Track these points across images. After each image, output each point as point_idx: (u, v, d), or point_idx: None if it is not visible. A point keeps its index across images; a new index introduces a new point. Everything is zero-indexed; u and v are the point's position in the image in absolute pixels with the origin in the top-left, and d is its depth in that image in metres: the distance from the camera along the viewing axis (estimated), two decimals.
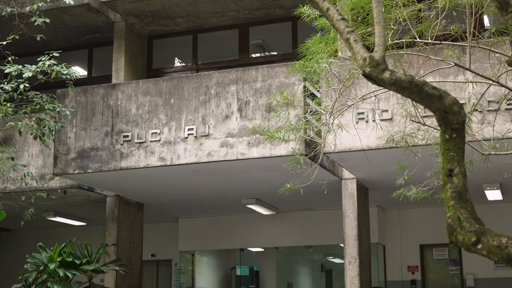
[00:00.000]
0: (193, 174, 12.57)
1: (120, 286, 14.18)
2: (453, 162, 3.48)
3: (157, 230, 17.52)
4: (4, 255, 17.62)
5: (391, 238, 16.45)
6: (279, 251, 17.81)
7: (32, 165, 14.02)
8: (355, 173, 12.74)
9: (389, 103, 10.43)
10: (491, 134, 8.42)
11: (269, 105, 11.21)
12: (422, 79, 3.61)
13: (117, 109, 12.39)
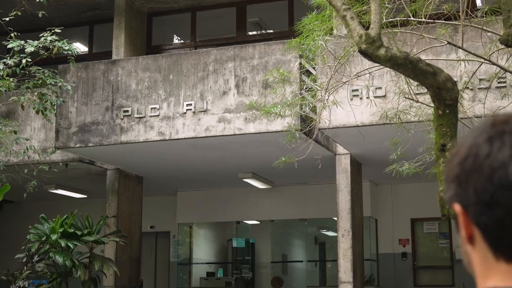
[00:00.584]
0: (191, 148, 12.56)
1: (120, 257, 14.23)
2: (446, 137, 3.47)
3: (156, 203, 17.54)
4: (8, 226, 17.65)
5: (383, 212, 16.50)
6: (274, 224, 17.86)
7: (35, 139, 14.00)
8: (349, 148, 12.74)
9: (383, 80, 10.41)
10: (482, 111, 8.41)
11: (266, 82, 11.17)
12: (416, 56, 3.59)
13: (117, 85, 12.35)
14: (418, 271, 16.35)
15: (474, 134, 1.24)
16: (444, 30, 6.99)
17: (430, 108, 5.94)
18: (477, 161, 1.20)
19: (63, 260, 12.67)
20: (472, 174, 1.19)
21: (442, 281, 16.08)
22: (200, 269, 17.96)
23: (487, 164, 1.18)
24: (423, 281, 16.29)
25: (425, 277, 16.35)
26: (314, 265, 17.90)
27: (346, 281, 12.65)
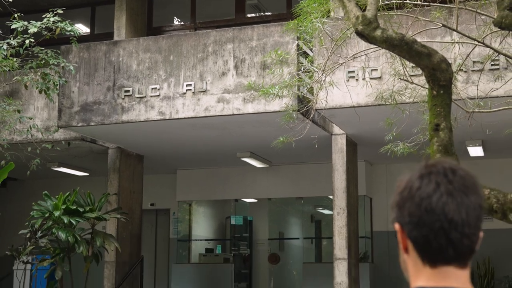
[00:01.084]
0: (191, 128, 12.55)
1: (121, 233, 14.27)
2: (440, 117, 3.46)
3: (156, 181, 17.55)
4: (12, 203, 17.66)
5: (378, 191, 16.52)
6: (272, 202, 17.90)
7: (38, 118, 13.98)
8: (345, 128, 12.74)
9: (378, 62, 10.38)
10: (475, 93, 8.39)
11: (264, 63, 11.14)
12: (412, 38, 3.58)
13: (119, 65, 12.31)
14: None
15: (412, 172, 1.65)
16: (439, 13, 6.96)
17: (425, 89, 5.93)
18: (411, 192, 1.60)
19: (65, 236, 12.70)
20: (407, 202, 1.59)
21: None
22: (199, 246, 18.02)
23: (417, 194, 1.58)
24: None
25: None
26: (310, 242, 17.96)
27: (341, 257, 12.70)
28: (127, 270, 14.28)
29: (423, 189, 1.58)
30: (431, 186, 1.57)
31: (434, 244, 1.54)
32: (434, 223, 1.53)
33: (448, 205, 1.54)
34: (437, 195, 1.55)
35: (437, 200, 1.55)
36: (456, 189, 1.56)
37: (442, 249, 1.54)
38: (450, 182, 1.57)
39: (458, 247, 1.56)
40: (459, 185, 1.57)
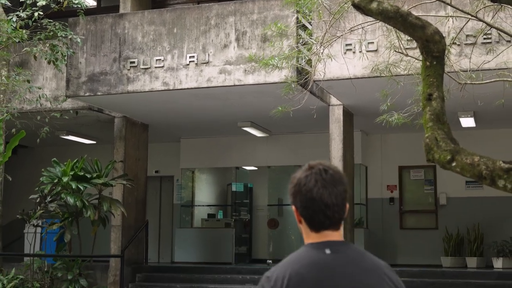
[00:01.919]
0: (194, 98, 12.53)
1: (127, 199, 14.32)
2: (433, 87, 3.45)
3: (161, 149, 17.56)
4: (22, 170, 17.69)
5: (373, 160, 16.54)
6: (271, 169, 17.92)
7: (47, 88, 13.95)
8: (342, 99, 12.71)
9: (375, 35, 10.32)
10: (467, 66, 8.36)
11: (264, 36, 11.08)
12: (406, 10, 3.55)
13: (124, 37, 12.25)
14: (404, 215, 16.48)
15: (301, 171, 2.32)
16: None
17: (419, 61, 5.90)
18: (299, 186, 2.29)
19: (74, 201, 12.75)
20: (298, 193, 2.29)
21: (426, 224, 16.21)
22: (201, 211, 18.08)
23: (304, 189, 2.28)
24: (409, 224, 16.42)
25: (411, 221, 16.48)
26: None
27: None
28: (132, 233, 14.36)
29: (307, 185, 2.27)
30: (312, 182, 2.27)
31: (316, 219, 2.26)
32: (315, 207, 2.25)
33: (323, 195, 2.25)
34: (316, 188, 2.26)
35: (316, 191, 2.25)
36: (328, 183, 2.28)
37: (321, 222, 2.27)
38: (324, 179, 2.28)
39: (331, 220, 2.27)
40: (330, 180, 2.29)
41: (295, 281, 2.10)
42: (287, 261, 2.23)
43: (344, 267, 2.17)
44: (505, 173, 3.15)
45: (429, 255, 15.50)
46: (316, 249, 2.21)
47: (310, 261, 2.18)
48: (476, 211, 15.52)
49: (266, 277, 2.20)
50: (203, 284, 13.53)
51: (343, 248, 2.25)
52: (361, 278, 2.17)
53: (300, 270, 2.14)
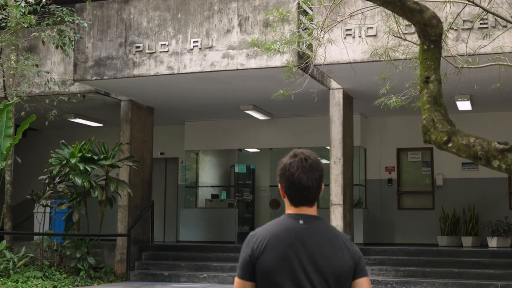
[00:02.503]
0: (198, 82, 12.51)
1: (133, 179, 14.34)
2: (430, 70, 3.43)
3: (166, 131, 17.57)
4: (31, 152, 17.72)
5: (372, 142, 16.53)
6: (273, 151, 17.92)
7: (55, 72, 13.93)
8: (341, 83, 12.69)
9: (374, 20, 10.28)
10: (464, 50, 8.33)
11: (266, 21, 11.04)
12: None
13: (130, 23, 12.22)
14: (402, 195, 16.50)
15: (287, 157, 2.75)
16: None
17: (417, 46, 5.88)
18: (285, 171, 2.71)
19: (81, 181, 12.78)
20: (283, 176, 2.72)
21: (423, 204, 16.23)
22: (205, 192, 18.12)
23: (288, 173, 2.70)
24: (406, 205, 16.45)
25: (408, 201, 16.50)
26: None
27: (337, 203, 12.78)
28: (138, 213, 14.40)
29: (290, 170, 2.70)
30: (294, 168, 2.70)
31: (296, 197, 2.72)
32: (295, 188, 2.70)
33: (303, 179, 2.68)
34: (297, 173, 2.69)
35: (297, 176, 2.69)
36: (307, 169, 2.70)
37: (300, 200, 2.72)
38: (304, 166, 2.70)
39: (307, 199, 2.72)
40: (308, 167, 2.70)
41: (273, 241, 2.65)
42: (269, 225, 2.74)
43: (312, 235, 2.67)
44: (499, 154, 3.15)
45: (426, 235, 15.54)
46: (293, 219, 2.70)
47: (286, 227, 2.68)
48: (471, 192, 15.54)
49: (251, 235, 2.73)
50: (207, 262, 13.59)
51: (314, 221, 2.72)
52: (324, 245, 2.67)
53: (278, 233, 2.66)
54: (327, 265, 2.62)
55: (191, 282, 12.91)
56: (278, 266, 2.61)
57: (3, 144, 12.04)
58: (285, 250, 2.62)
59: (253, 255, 2.65)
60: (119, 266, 13.91)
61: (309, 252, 2.63)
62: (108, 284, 12.88)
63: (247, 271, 2.66)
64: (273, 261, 2.62)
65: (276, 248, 2.63)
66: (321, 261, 2.62)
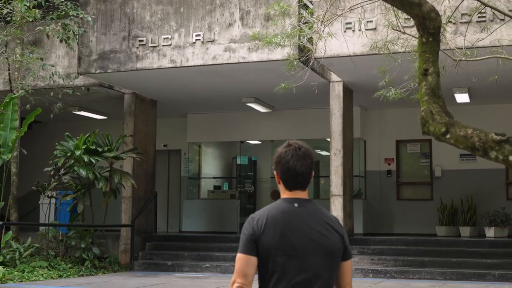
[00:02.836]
0: (200, 75, 12.50)
1: (137, 171, 14.36)
2: (428, 62, 3.43)
3: (169, 123, 17.57)
4: (37, 144, 17.74)
5: (371, 134, 16.53)
6: (274, 143, 17.91)
7: (59, 65, 13.93)
8: (341, 76, 12.68)
9: (373, 14, 10.26)
10: (462, 43, 8.31)
11: (268, 15, 11.02)
12: None
13: (133, 17, 12.20)
14: (401, 186, 16.51)
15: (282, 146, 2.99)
16: None
17: (416, 39, 5.87)
18: (280, 159, 2.94)
19: (86, 173, 12.80)
20: (279, 163, 2.94)
21: (422, 195, 16.24)
22: (208, 183, 18.14)
23: (283, 160, 2.93)
24: (405, 196, 16.46)
25: (407, 192, 16.51)
26: None
27: (337, 194, 12.79)
28: (142, 204, 14.42)
29: (285, 158, 2.94)
30: (289, 156, 2.94)
31: (290, 183, 2.96)
32: (290, 174, 2.94)
33: (297, 166, 2.93)
34: (291, 161, 2.93)
35: (292, 163, 2.93)
36: (300, 157, 2.95)
37: (294, 184, 2.96)
38: (298, 154, 2.95)
39: (301, 183, 2.96)
40: (302, 155, 2.95)
41: (271, 221, 2.88)
42: (267, 208, 2.97)
43: (304, 216, 2.92)
44: (497, 145, 3.15)
45: (425, 225, 15.55)
46: (288, 203, 2.95)
47: (282, 209, 2.93)
48: (469, 183, 15.54)
49: (251, 217, 2.95)
50: (209, 252, 13.62)
51: (307, 204, 2.96)
52: (317, 225, 2.92)
53: (275, 216, 2.91)
54: (320, 244, 2.89)
55: (194, 272, 12.94)
56: (277, 244, 2.85)
57: (9, 136, 12.05)
58: (282, 231, 2.87)
59: (255, 233, 2.87)
60: (123, 256, 13.95)
61: (303, 232, 2.88)
62: (112, 273, 12.91)
63: (252, 247, 2.86)
64: (272, 240, 2.85)
65: (274, 229, 2.87)
66: (314, 240, 2.88)
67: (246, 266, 2.86)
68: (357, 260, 12.63)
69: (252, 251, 2.85)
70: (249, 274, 2.86)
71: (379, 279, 11.75)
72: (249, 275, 2.86)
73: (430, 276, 11.73)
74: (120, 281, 11.45)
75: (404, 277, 11.83)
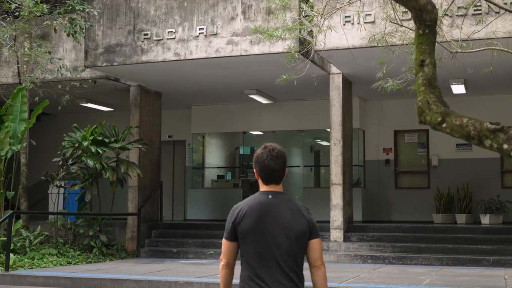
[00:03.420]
0: (203, 67, 12.49)
1: (143, 161, 14.37)
2: (425, 54, 3.42)
3: (173, 115, 17.57)
4: (45, 135, 17.75)
5: (370, 124, 16.52)
6: (276, 134, 17.92)
7: (66, 59, 13.92)
8: (341, 68, 12.66)
9: (372, 7, 10.23)
10: (459, 36, 8.28)
11: (269, 8, 10.99)
12: None
13: (138, 11, 12.18)
14: (399, 175, 16.51)
15: (260, 149, 3.46)
16: None
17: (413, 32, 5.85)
18: (258, 158, 3.42)
19: (93, 163, 12.82)
20: (257, 162, 3.43)
21: (419, 184, 16.25)
22: (211, 173, 18.16)
23: (260, 160, 3.41)
24: (403, 184, 16.47)
25: (405, 181, 16.52)
26: (310, 170, 18.06)
27: (337, 183, 12.80)
28: (148, 193, 14.45)
29: (262, 158, 3.41)
30: (265, 156, 3.41)
31: (266, 179, 3.43)
32: (266, 171, 3.41)
33: (271, 164, 3.40)
34: (266, 160, 3.40)
35: (267, 162, 3.40)
36: (274, 157, 3.40)
37: (269, 179, 3.43)
38: (272, 155, 3.41)
39: (275, 179, 3.43)
40: (275, 155, 3.41)
41: (249, 211, 3.38)
42: (248, 199, 3.47)
43: (276, 206, 3.39)
44: (491, 134, 3.15)
45: (422, 212, 15.57)
46: (264, 195, 3.44)
47: (259, 201, 3.42)
48: (465, 171, 15.54)
49: (234, 207, 3.47)
50: (213, 239, 13.65)
51: (279, 196, 3.44)
52: (286, 213, 3.38)
53: (253, 206, 3.40)
54: (288, 228, 3.36)
55: (198, 258, 12.97)
56: (252, 229, 3.37)
57: (18, 127, 12.07)
58: (257, 218, 3.37)
59: (235, 222, 3.41)
60: (130, 244, 13.99)
61: (275, 218, 3.37)
62: (119, 260, 12.95)
63: (231, 234, 3.43)
64: (249, 226, 3.38)
65: (251, 217, 3.38)
66: (284, 225, 3.36)
67: (228, 249, 3.45)
68: (356, 247, 12.65)
69: (232, 237, 3.43)
70: (230, 255, 3.46)
71: (377, 264, 11.78)
72: (231, 255, 3.46)
73: (427, 262, 11.75)
74: (127, 267, 11.49)
75: (402, 263, 11.86)
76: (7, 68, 14.54)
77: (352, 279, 9.47)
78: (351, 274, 10.09)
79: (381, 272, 10.55)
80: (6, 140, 11.90)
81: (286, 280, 3.33)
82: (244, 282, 3.40)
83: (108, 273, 10.40)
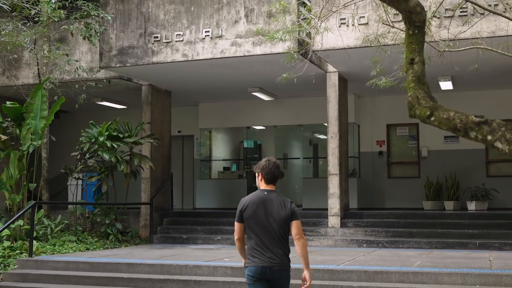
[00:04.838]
0: (210, 67, 12.48)
1: (154, 155, 14.39)
2: (415, 52, 3.42)
3: (182, 112, 17.57)
4: (64, 131, 17.77)
5: (364, 119, 16.50)
6: (277, 129, 17.92)
7: (83, 60, 13.92)
8: (337, 67, 12.64)
9: (365, 10, 10.20)
10: (446, 36, 8.27)
11: (270, 12, 10.97)
12: None
13: (149, 15, 12.17)
14: (392, 166, 16.50)
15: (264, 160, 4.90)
16: None
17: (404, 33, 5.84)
18: (265, 167, 4.81)
19: (109, 157, 12.84)
20: (264, 169, 4.80)
21: (410, 173, 16.24)
22: (218, 165, 18.17)
23: (267, 168, 4.79)
24: (395, 174, 16.46)
25: (397, 171, 16.51)
26: (309, 162, 18.06)
27: (334, 173, 12.81)
28: (159, 184, 14.47)
29: (268, 167, 4.73)
30: (270, 166, 4.73)
31: (268, 180, 4.73)
32: (269, 175, 4.73)
33: (273, 171, 4.73)
34: (272, 168, 4.73)
35: (272, 170, 4.73)
36: (276, 167, 4.75)
37: (271, 181, 4.73)
38: (275, 165, 4.75)
39: (273, 180, 4.74)
40: (277, 166, 4.75)
41: (251, 203, 4.68)
42: (251, 195, 4.76)
43: (270, 199, 4.67)
44: (476, 126, 3.14)
45: (413, 200, 15.58)
46: (262, 192, 4.73)
47: (257, 196, 4.71)
48: (453, 162, 15.53)
49: (242, 200, 4.77)
50: (219, 226, 13.67)
51: (272, 192, 4.73)
52: (275, 204, 4.66)
53: (253, 199, 4.72)
54: (276, 214, 4.65)
55: (206, 244, 13.00)
56: (251, 216, 4.68)
57: (39, 124, 12.07)
58: (255, 208, 4.68)
59: (242, 210, 4.72)
60: (143, 231, 14.02)
61: (266, 209, 4.65)
62: (134, 246, 12.98)
63: (239, 218, 4.74)
64: (249, 213, 4.69)
65: (251, 207, 4.69)
66: (274, 213, 4.64)
67: (238, 228, 4.77)
68: (352, 232, 12.66)
69: (240, 220, 4.75)
70: (240, 232, 4.77)
71: (372, 248, 11.78)
72: (240, 232, 4.77)
73: (417, 245, 11.75)
74: (141, 252, 11.52)
75: (395, 246, 11.86)
76: (28, 69, 14.55)
77: (349, 261, 9.49)
78: (347, 257, 10.10)
79: (375, 255, 10.56)
80: (27, 136, 11.91)
81: (277, 247, 4.59)
82: (250, 249, 4.67)
83: (124, 258, 10.43)
